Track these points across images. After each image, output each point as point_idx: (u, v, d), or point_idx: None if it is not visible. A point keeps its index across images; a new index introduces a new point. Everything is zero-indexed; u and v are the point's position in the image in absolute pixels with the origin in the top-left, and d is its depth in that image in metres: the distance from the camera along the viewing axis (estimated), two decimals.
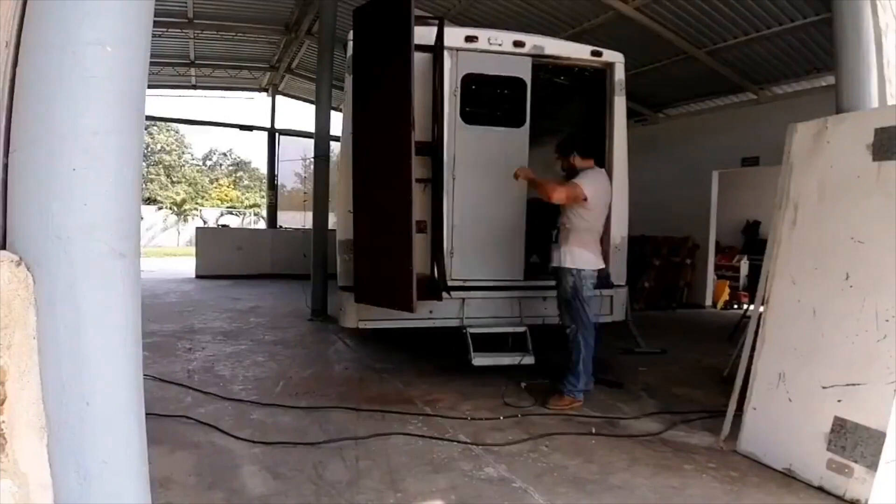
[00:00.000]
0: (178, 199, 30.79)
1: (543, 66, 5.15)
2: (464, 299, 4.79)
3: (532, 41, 5.02)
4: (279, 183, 17.29)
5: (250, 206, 32.00)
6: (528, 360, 4.70)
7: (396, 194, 3.99)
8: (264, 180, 21.78)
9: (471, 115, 5.00)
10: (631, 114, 5.86)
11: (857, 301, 2.80)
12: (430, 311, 4.65)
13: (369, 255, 4.30)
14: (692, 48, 8.04)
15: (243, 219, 28.80)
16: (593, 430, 3.62)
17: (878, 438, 2.59)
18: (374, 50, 4.19)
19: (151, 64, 1.57)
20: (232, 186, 35.79)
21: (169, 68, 13.19)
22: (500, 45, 4.90)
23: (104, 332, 1.25)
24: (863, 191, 2.86)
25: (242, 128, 15.77)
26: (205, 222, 23.20)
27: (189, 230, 24.72)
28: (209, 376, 4.65)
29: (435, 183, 4.64)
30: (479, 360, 4.59)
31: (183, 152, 35.87)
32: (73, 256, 1.19)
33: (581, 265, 4.05)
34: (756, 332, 3.33)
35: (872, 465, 2.59)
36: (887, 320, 2.65)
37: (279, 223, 15.91)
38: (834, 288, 2.92)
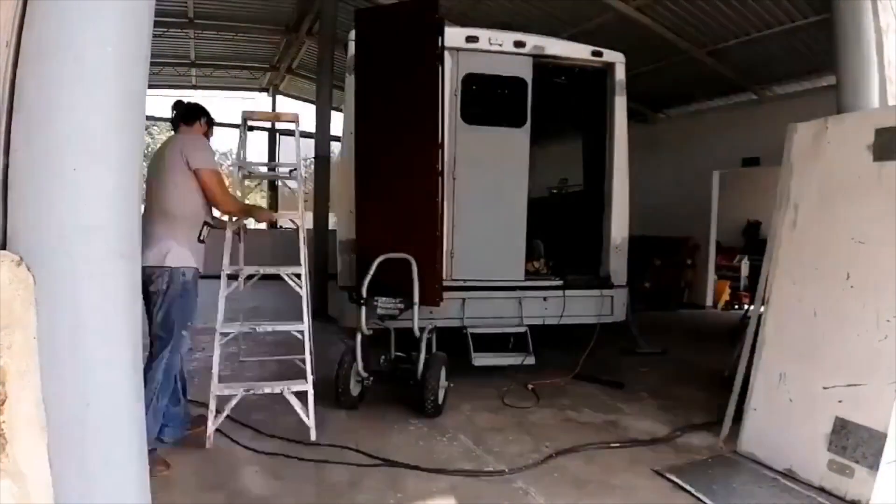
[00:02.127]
0: None
1: (544, 66, 5.15)
2: (464, 299, 4.79)
3: (533, 41, 5.02)
4: (279, 183, 17.25)
5: None
6: (529, 360, 4.69)
7: (421, 192, 4.02)
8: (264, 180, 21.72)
9: (471, 115, 4.99)
10: (631, 114, 5.85)
11: (858, 301, 2.79)
12: (431, 311, 4.65)
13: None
14: (693, 48, 8.04)
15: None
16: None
17: (879, 439, 2.58)
18: (391, 50, 4.10)
19: (151, 64, 1.57)
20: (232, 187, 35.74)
21: (169, 68, 13.19)
22: (500, 45, 4.90)
23: (104, 332, 1.25)
24: (863, 191, 2.86)
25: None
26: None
27: None
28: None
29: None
30: (480, 360, 4.59)
31: None
32: (73, 256, 1.20)
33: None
34: (756, 333, 3.33)
35: (873, 466, 2.59)
36: (888, 320, 2.65)
37: (279, 223, 15.90)
38: (834, 288, 2.91)
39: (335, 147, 7.62)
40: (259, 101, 16.23)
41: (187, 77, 14.40)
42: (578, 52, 5.28)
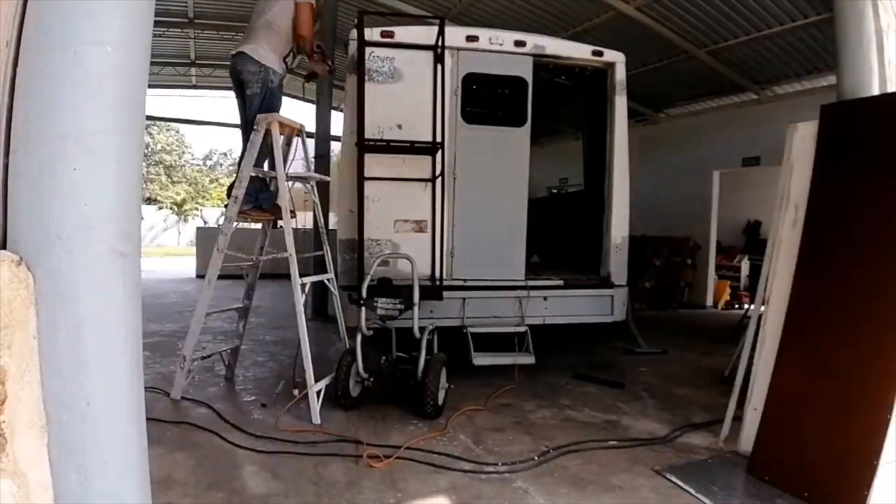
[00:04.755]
0: (179, 199, 30.79)
1: (544, 65, 5.14)
2: (464, 299, 4.79)
3: (533, 41, 5.02)
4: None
5: None
6: (529, 359, 4.69)
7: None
8: None
9: (472, 114, 5.00)
10: (632, 113, 5.87)
11: None
12: (431, 311, 4.65)
13: None
14: (693, 48, 8.04)
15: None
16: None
17: None
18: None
19: (152, 64, 1.57)
20: None
21: (169, 68, 13.20)
22: (500, 44, 4.90)
23: (104, 332, 1.25)
24: None
25: None
26: (205, 222, 23.21)
27: (190, 230, 24.72)
28: (209, 376, 4.66)
29: (435, 182, 4.65)
30: (480, 359, 4.59)
31: (183, 152, 35.90)
32: (73, 256, 1.19)
33: None
34: (756, 333, 3.33)
35: None
36: None
37: (280, 223, 15.90)
38: None
39: (335, 147, 7.62)
40: None
41: (187, 77, 14.41)
42: (579, 51, 5.28)
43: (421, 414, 3.74)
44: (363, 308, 3.91)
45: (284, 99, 4.41)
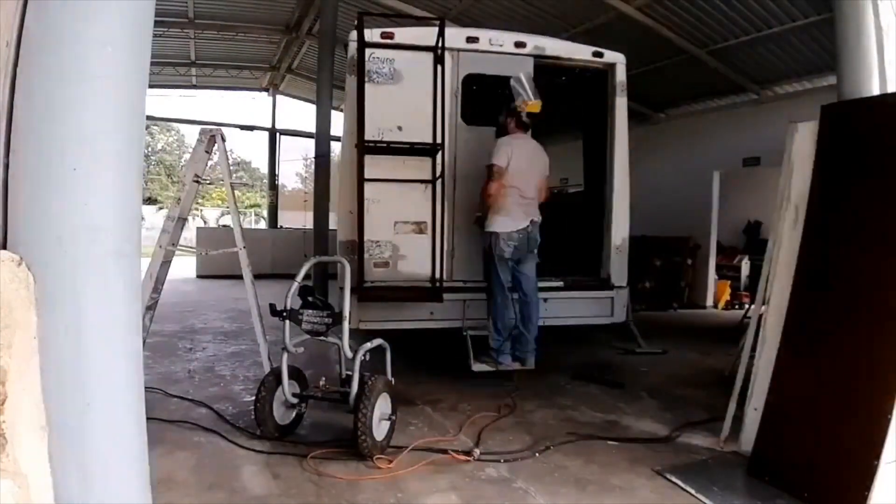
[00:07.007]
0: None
1: (545, 66, 5.15)
2: (465, 300, 4.78)
3: (533, 42, 5.02)
4: (280, 183, 17.29)
5: (251, 206, 32.02)
6: (529, 363, 4.67)
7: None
8: (265, 180, 21.84)
9: (472, 115, 4.99)
10: (632, 114, 5.86)
11: None
12: (432, 313, 4.64)
13: None
14: (694, 48, 8.04)
15: (244, 219, 28.79)
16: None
17: None
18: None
19: (152, 64, 1.56)
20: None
21: (169, 68, 13.22)
22: (501, 45, 4.90)
23: (104, 332, 1.25)
24: None
25: (243, 128, 15.80)
26: (205, 222, 23.24)
27: (190, 230, 24.73)
28: (210, 376, 4.66)
29: (435, 183, 4.65)
30: (479, 366, 4.49)
31: (183, 152, 35.88)
32: (73, 256, 1.19)
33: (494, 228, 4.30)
34: (757, 333, 3.33)
35: None
36: None
37: (280, 223, 15.95)
38: None
39: (336, 147, 7.63)
40: (259, 101, 16.30)
41: (187, 77, 14.44)
42: (579, 52, 5.28)
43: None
44: (286, 322, 3.35)
45: (286, 100, 4.42)
